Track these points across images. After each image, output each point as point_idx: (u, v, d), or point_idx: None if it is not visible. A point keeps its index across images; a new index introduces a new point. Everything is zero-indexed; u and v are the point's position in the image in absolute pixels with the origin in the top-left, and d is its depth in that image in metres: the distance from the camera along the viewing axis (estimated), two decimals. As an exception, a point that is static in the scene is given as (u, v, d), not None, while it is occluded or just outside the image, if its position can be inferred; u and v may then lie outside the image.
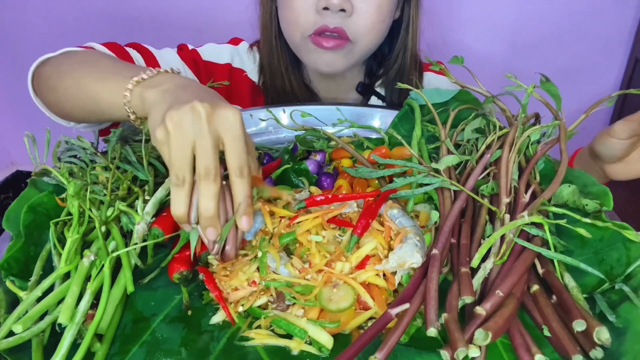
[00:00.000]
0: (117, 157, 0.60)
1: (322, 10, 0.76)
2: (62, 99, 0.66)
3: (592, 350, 0.39)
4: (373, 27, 0.79)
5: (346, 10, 0.76)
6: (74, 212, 0.50)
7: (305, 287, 0.47)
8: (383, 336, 0.43)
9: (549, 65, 1.65)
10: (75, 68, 0.65)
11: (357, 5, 0.77)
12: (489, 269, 0.46)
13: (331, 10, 0.76)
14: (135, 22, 1.73)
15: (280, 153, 0.71)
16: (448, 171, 0.57)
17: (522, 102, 0.60)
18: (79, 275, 0.46)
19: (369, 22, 0.78)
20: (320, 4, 0.76)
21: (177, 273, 0.50)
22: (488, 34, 1.66)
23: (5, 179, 2.13)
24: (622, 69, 1.67)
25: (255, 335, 0.45)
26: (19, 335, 0.42)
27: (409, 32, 0.88)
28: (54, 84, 0.67)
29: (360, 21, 0.78)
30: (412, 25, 0.88)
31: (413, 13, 0.87)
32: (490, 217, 0.52)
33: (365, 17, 0.78)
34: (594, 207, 0.50)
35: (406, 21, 0.88)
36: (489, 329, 0.39)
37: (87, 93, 0.62)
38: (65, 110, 0.67)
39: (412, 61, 0.91)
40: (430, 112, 0.67)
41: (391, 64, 0.91)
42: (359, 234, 0.50)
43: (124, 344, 0.45)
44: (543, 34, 1.63)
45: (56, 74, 0.67)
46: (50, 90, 0.68)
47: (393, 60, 0.91)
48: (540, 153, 0.56)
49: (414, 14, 0.87)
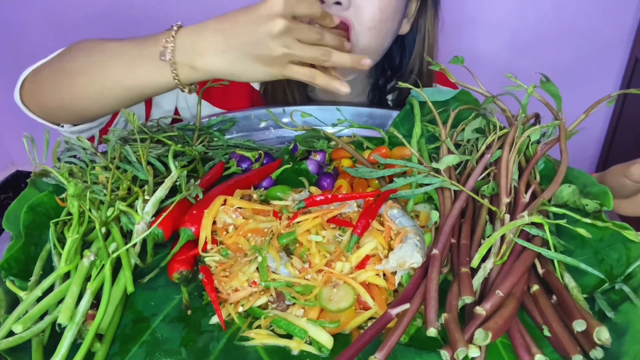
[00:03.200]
0: (117, 157, 0.60)
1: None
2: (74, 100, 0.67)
3: (592, 350, 0.39)
4: (373, 27, 0.72)
5: (342, 3, 0.69)
6: (74, 212, 0.50)
7: (305, 287, 0.47)
8: (383, 336, 0.43)
9: (549, 65, 1.65)
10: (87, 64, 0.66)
11: (357, 1, 0.70)
12: (489, 269, 0.46)
13: (326, 2, 0.69)
14: (135, 22, 1.73)
15: (280, 153, 0.71)
16: (448, 171, 0.57)
17: (522, 102, 0.60)
18: (79, 275, 0.46)
19: (368, 19, 0.71)
20: None
21: (177, 273, 0.50)
22: (488, 34, 1.66)
23: (5, 179, 2.13)
24: (622, 69, 1.67)
25: (255, 335, 0.45)
26: (19, 335, 0.42)
27: (425, 45, 0.85)
28: (60, 87, 0.68)
29: (360, 17, 0.71)
30: (429, 38, 0.85)
31: (429, 26, 0.84)
32: (490, 217, 0.52)
33: (365, 13, 0.71)
34: (594, 207, 0.50)
35: (422, 34, 0.84)
36: (489, 329, 0.39)
37: (117, 83, 0.64)
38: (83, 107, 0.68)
39: (428, 72, 0.88)
40: (430, 113, 0.67)
41: (407, 77, 0.87)
42: (359, 234, 0.50)
43: (124, 344, 0.45)
44: (543, 34, 1.63)
45: (61, 76, 0.68)
46: (55, 94, 0.68)
47: (409, 73, 0.87)
48: (540, 153, 0.56)
49: (429, 27, 0.84)
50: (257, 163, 0.69)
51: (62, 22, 1.79)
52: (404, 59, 0.88)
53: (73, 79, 0.66)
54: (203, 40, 0.60)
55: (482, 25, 1.64)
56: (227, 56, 0.59)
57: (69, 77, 0.67)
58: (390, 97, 0.93)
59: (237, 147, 0.73)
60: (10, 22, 1.82)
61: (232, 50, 0.59)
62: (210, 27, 0.60)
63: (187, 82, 0.63)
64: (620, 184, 0.59)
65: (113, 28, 1.76)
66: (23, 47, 1.86)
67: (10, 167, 2.19)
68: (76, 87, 0.66)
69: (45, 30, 1.81)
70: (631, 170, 0.57)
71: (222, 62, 0.60)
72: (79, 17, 1.77)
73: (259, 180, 0.65)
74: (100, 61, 0.65)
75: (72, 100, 0.67)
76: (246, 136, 0.79)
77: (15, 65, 1.94)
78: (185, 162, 0.66)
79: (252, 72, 0.60)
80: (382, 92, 0.92)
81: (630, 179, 0.57)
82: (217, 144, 0.73)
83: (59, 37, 1.79)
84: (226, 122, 0.79)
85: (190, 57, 0.60)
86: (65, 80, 0.67)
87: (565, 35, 1.62)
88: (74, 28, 1.78)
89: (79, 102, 0.67)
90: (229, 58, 0.59)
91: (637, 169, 0.56)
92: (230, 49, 0.59)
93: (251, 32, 0.58)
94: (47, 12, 1.78)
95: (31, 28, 1.82)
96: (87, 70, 0.66)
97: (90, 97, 0.66)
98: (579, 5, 1.57)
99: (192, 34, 0.61)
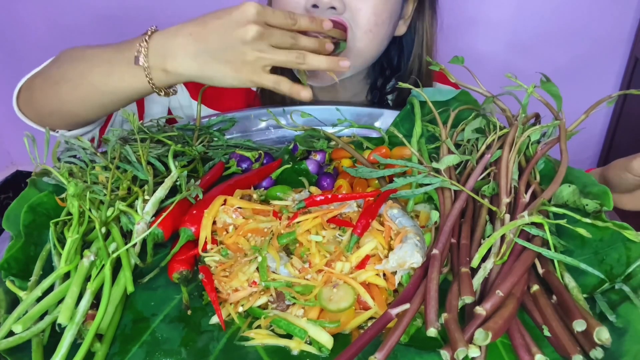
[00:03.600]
0: (117, 157, 0.60)
1: (311, 9, 0.69)
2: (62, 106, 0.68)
3: (592, 350, 0.39)
4: (369, 30, 0.72)
5: (336, 7, 0.68)
6: (74, 212, 0.50)
7: (305, 287, 0.47)
8: (383, 336, 0.43)
9: (549, 65, 1.65)
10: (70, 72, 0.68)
11: (350, 4, 0.69)
12: (489, 269, 0.46)
13: (320, 7, 0.68)
14: (134, 22, 1.73)
15: (280, 153, 0.71)
16: (448, 171, 0.57)
17: (522, 102, 0.60)
18: (79, 275, 0.46)
19: (363, 23, 0.71)
20: (309, 1, 0.69)
21: (176, 273, 0.50)
22: (488, 34, 1.66)
23: (5, 179, 2.13)
24: (622, 69, 1.67)
25: (255, 335, 0.45)
26: (19, 335, 0.42)
27: (423, 47, 0.85)
28: (49, 94, 0.70)
29: (354, 21, 0.71)
30: (427, 39, 0.85)
31: (427, 27, 0.84)
32: (490, 217, 0.52)
33: (360, 18, 0.70)
34: (594, 207, 0.50)
35: (420, 35, 0.85)
36: (489, 329, 0.39)
37: (98, 89, 0.65)
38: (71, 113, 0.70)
39: (427, 72, 0.88)
40: (429, 113, 0.67)
41: (406, 77, 0.88)
42: (359, 233, 0.50)
43: (124, 344, 0.45)
44: (543, 34, 1.63)
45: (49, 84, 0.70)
46: (46, 101, 0.70)
47: (408, 73, 0.87)
48: (540, 153, 0.56)
49: (427, 28, 0.84)
50: (257, 163, 0.69)
51: (61, 22, 1.79)
52: (402, 60, 0.88)
53: (59, 86, 0.68)
54: (175, 44, 0.60)
55: (482, 25, 1.64)
56: (198, 59, 0.60)
57: (55, 85, 0.69)
58: (390, 97, 0.93)
59: (237, 147, 0.73)
60: (9, 23, 1.82)
61: (203, 54, 0.59)
62: (183, 31, 0.60)
63: (161, 85, 0.64)
64: (622, 179, 0.59)
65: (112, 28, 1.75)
66: (23, 47, 1.86)
67: (10, 167, 2.19)
68: (62, 94, 0.68)
69: (45, 31, 1.81)
70: (633, 165, 0.57)
71: (192, 65, 0.60)
72: (78, 18, 1.77)
73: (259, 180, 0.65)
74: (81, 68, 0.67)
75: (60, 107, 0.69)
76: (246, 136, 0.79)
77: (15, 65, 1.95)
78: (185, 162, 0.66)
79: (222, 76, 0.60)
80: (381, 92, 0.92)
81: (632, 173, 0.57)
82: (217, 144, 0.73)
83: (59, 38, 1.79)
84: (226, 122, 0.79)
85: (163, 60, 0.61)
86: (53, 88, 0.69)
87: (565, 35, 1.62)
88: (73, 29, 1.79)
89: (67, 108, 0.68)
90: (200, 61, 0.60)
91: (638, 164, 0.56)
92: (201, 53, 0.59)
93: (223, 37, 0.58)
94: (47, 12, 1.78)
95: (31, 29, 1.82)
96: (70, 78, 0.67)
97: (76, 103, 0.68)
98: (579, 5, 1.57)
99: (164, 37, 0.62)
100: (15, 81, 0.74)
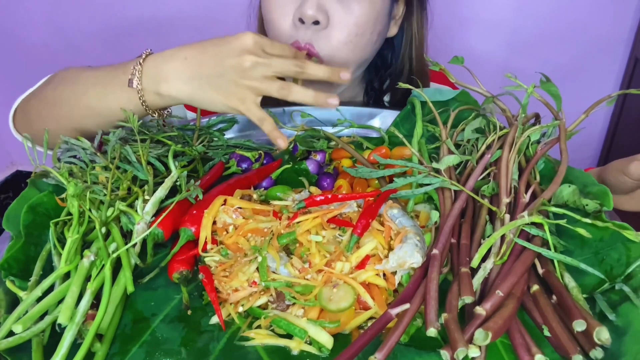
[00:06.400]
0: (117, 157, 0.60)
1: (297, 23, 0.71)
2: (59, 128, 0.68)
3: (592, 350, 0.39)
4: (349, 41, 0.72)
5: (320, 22, 0.69)
6: (74, 212, 0.50)
7: (305, 287, 0.47)
8: (383, 336, 0.43)
9: (549, 65, 1.65)
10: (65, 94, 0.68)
11: (334, 17, 0.70)
12: (489, 269, 0.46)
13: (305, 23, 0.70)
14: (134, 22, 1.73)
15: (280, 153, 0.71)
16: (448, 171, 0.57)
17: (522, 102, 0.60)
18: (79, 275, 0.46)
19: (344, 35, 0.71)
20: (296, 15, 0.70)
21: (176, 273, 0.51)
22: (488, 34, 1.66)
23: (5, 179, 2.13)
24: (622, 69, 1.67)
25: (255, 335, 0.45)
26: (19, 335, 0.42)
27: (413, 47, 0.86)
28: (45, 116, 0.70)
29: (335, 34, 0.71)
30: (415, 39, 0.85)
31: (416, 28, 0.84)
32: (490, 217, 0.52)
33: (340, 30, 0.71)
34: (594, 207, 0.50)
35: (408, 35, 0.85)
36: (489, 329, 0.39)
37: (94, 111, 0.66)
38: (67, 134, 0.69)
39: (420, 72, 0.89)
40: (430, 113, 0.67)
41: (397, 77, 0.88)
42: (359, 233, 0.50)
43: (124, 344, 0.45)
44: (543, 34, 1.63)
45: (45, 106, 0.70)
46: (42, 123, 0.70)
47: (399, 73, 0.88)
48: (540, 153, 0.56)
49: (416, 30, 0.85)
50: (257, 163, 0.69)
51: (62, 23, 1.78)
52: (396, 61, 0.88)
53: (55, 109, 0.69)
54: (169, 67, 0.61)
55: (481, 25, 1.64)
56: (191, 83, 0.60)
57: (51, 107, 0.70)
58: (386, 98, 0.94)
59: (237, 147, 0.73)
60: (10, 23, 1.82)
61: (197, 79, 0.60)
62: (179, 54, 0.61)
63: (154, 107, 0.65)
64: (619, 181, 0.59)
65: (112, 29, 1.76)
66: (23, 48, 1.86)
67: (10, 167, 2.19)
68: (59, 117, 0.69)
69: (45, 32, 1.81)
70: (630, 168, 0.57)
71: (185, 89, 0.61)
72: (78, 19, 1.77)
73: (259, 180, 0.65)
74: (76, 91, 0.68)
75: (57, 128, 0.69)
76: (246, 136, 0.79)
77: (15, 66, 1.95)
78: (185, 162, 0.66)
79: (212, 102, 0.61)
80: (377, 93, 0.92)
81: (629, 176, 0.58)
82: (217, 144, 0.73)
83: (59, 39, 1.79)
84: (226, 122, 0.79)
85: (156, 83, 0.62)
86: (49, 110, 0.70)
87: (565, 35, 1.62)
88: (74, 29, 1.79)
89: (64, 129, 0.68)
90: (193, 86, 0.60)
91: (636, 167, 0.57)
92: (194, 77, 0.60)
93: (218, 64, 0.58)
94: (48, 13, 1.78)
95: (31, 30, 1.82)
96: (66, 100, 0.68)
97: (73, 125, 0.68)
98: (578, 5, 1.57)
99: (158, 60, 0.62)
100: (16, 82, 0.74)
